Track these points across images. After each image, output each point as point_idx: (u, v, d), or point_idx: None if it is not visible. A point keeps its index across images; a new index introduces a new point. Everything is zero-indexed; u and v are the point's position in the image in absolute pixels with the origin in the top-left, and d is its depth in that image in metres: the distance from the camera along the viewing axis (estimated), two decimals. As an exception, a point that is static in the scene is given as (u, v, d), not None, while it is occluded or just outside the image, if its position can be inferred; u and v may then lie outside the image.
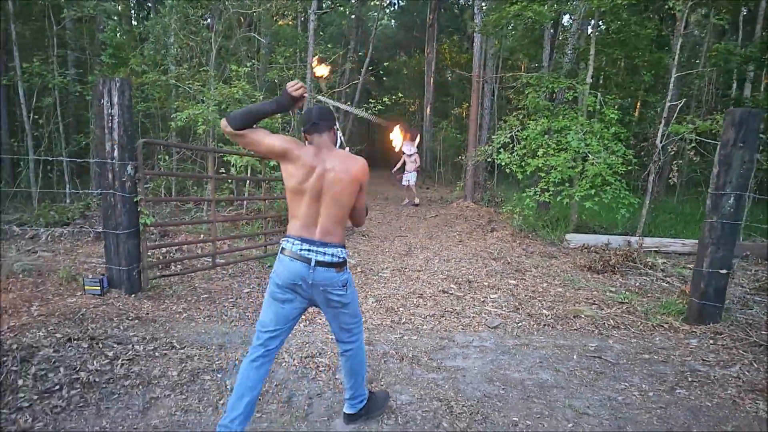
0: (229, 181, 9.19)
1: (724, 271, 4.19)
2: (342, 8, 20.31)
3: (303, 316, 4.55)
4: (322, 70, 3.36)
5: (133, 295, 4.60)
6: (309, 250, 2.39)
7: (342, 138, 2.70)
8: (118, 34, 10.23)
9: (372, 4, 23.42)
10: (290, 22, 14.51)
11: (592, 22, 8.77)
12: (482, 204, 12.36)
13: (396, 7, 29.58)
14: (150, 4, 17.48)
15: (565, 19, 13.41)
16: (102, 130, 4.53)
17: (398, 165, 13.08)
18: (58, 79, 9.82)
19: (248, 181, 8.93)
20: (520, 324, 4.55)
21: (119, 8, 11.92)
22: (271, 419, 2.83)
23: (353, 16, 20.57)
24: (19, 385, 2.87)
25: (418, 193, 13.44)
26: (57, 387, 2.94)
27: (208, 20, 10.39)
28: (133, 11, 14.44)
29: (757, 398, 3.18)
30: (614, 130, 7.54)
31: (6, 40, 11.88)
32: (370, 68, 18.17)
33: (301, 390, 3.16)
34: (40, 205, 8.47)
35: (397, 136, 3.02)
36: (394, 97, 12.12)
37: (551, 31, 10.64)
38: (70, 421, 2.70)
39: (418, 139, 12.97)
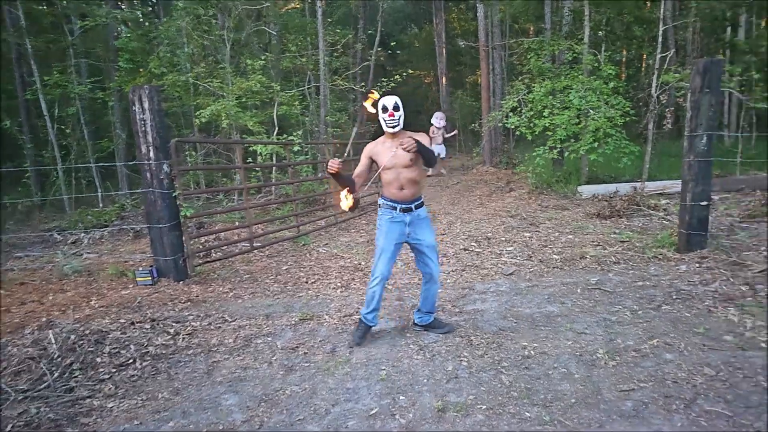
0: (256, 169, 9.66)
1: (704, 203, 4.70)
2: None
3: (339, 284, 5.22)
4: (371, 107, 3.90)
5: (181, 282, 5.14)
6: None
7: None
8: (132, 40, 10.61)
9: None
10: (297, 5, 14.77)
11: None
12: (501, 167, 12.82)
13: (402, -21, 29.26)
14: (154, 5, 17.68)
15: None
16: (136, 135, 4.97)
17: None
18: (78, 88, 10.21)
19: (274, 168, 9.45)
20: (532, 269, 5.15)
21: (136, 14, 12.32)
22: (318, 366, 3.39)
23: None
24: (97, 362, 3.41)
25: (439, 162, 14.00)
26: (130, 360, 3.46)
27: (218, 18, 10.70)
28: (140, 14, 14.63)
29: (728, 306, 3.75)
30: (613, 84, 7.94)
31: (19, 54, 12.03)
32: (379, 48, 18.36)
33: (342, 342, 3.75)
34: (75, 210, 8.96)
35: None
36: (404, 73, 12.47)
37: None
38: (147, 386, 3.19)
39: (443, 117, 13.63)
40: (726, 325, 3.49)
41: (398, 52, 28.28)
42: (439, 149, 13.44)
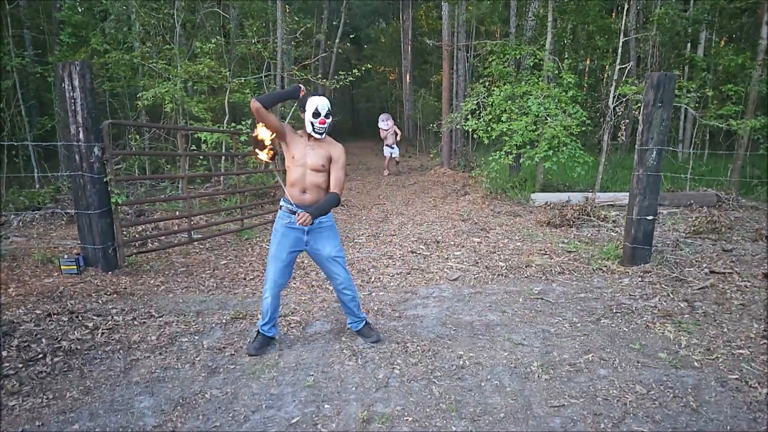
0: (201, 157, 9.20)
1: (650, 218, 4.70)
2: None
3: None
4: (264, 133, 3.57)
5: (110, 272, 4.87)
6: None
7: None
8: (76, 13, 9.88)
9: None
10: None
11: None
12: (458, 170, 12.79)
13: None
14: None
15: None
16: (66, 114, 4.69)
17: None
18: (15, 60, 9.43)
19: (224, 157, 9.04)
20: (477, 276, 5.04)
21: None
22: (244, 369, 3.20)
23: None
24: (3, 356, 3.13)
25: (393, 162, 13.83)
26: (40, 355, 3.20)
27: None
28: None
29: (666, 322, 3.72)
30: (572, 93, 7.95)
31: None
32: (339, 40, 18.03)
33: (273, 344, 3.54)
34: (8, 191, 8.37)
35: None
36: (363, 68, 12.25)
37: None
38: (56, 383, 2.96)
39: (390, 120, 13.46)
40: (662, 341, 3.45)
41: (365, 46, 28.09)
42: (391, 149, 13.35)
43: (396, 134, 13.26)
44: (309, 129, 3.22)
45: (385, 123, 13.20)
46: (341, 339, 3.66)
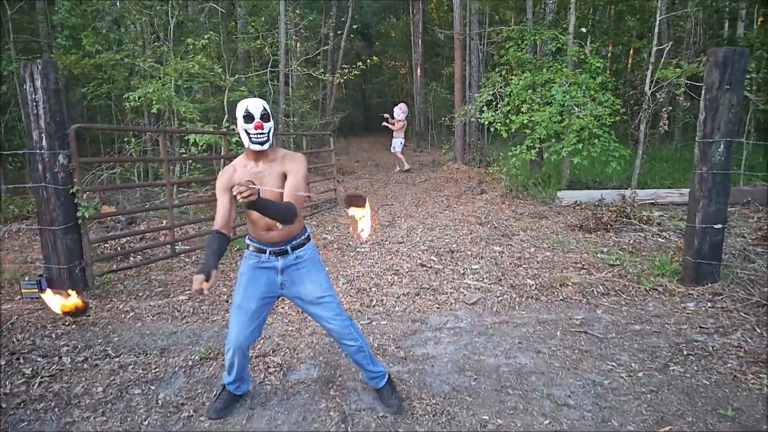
0: (191, 161, 8.49)
1: (718, 226, 3.76)
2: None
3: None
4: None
5: None
6: None
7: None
8: (73, 15, 9.52)
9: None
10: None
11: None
12: (473, 165, 11.88)
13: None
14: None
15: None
16: (27, 118, 4.14)
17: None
18: (14, 65, 9.02)
19: (223, 160, 8.34)
20: (501, 298, 4.14)
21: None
22: None
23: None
24: None
25: (410, 158, 13.06)
26: None
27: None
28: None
29: (760, 371, 2.79)
30: (601, 79, 6.99)
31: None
32: (347, 36, 17.23)
33: (244, 398, 2.77)
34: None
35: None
36: (369, 61, 11.42)
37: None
38: None
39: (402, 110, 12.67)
40: (762, 404, 2.53)
41: (376, 43, 27.44)
42: (396, 142, 12.57)
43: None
44: (246, 142, 2.37)
45: (400, 113, 12.50)
46: (329, 393, 2.84)
